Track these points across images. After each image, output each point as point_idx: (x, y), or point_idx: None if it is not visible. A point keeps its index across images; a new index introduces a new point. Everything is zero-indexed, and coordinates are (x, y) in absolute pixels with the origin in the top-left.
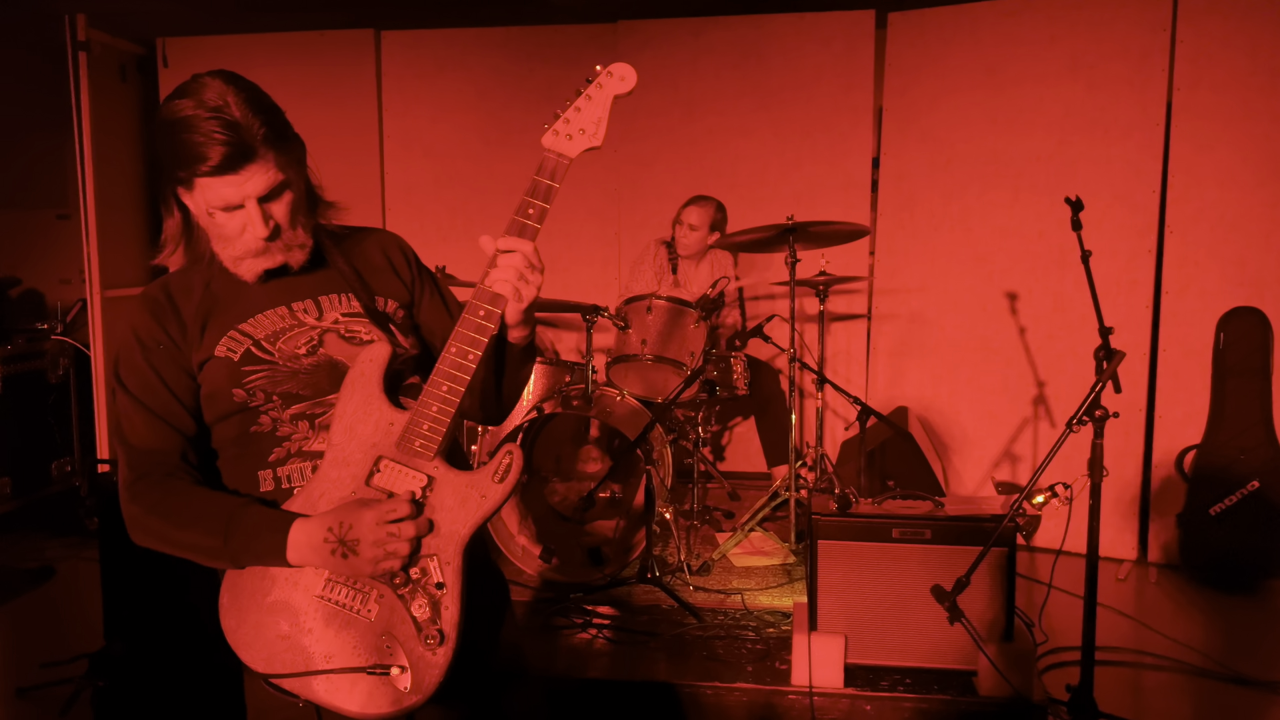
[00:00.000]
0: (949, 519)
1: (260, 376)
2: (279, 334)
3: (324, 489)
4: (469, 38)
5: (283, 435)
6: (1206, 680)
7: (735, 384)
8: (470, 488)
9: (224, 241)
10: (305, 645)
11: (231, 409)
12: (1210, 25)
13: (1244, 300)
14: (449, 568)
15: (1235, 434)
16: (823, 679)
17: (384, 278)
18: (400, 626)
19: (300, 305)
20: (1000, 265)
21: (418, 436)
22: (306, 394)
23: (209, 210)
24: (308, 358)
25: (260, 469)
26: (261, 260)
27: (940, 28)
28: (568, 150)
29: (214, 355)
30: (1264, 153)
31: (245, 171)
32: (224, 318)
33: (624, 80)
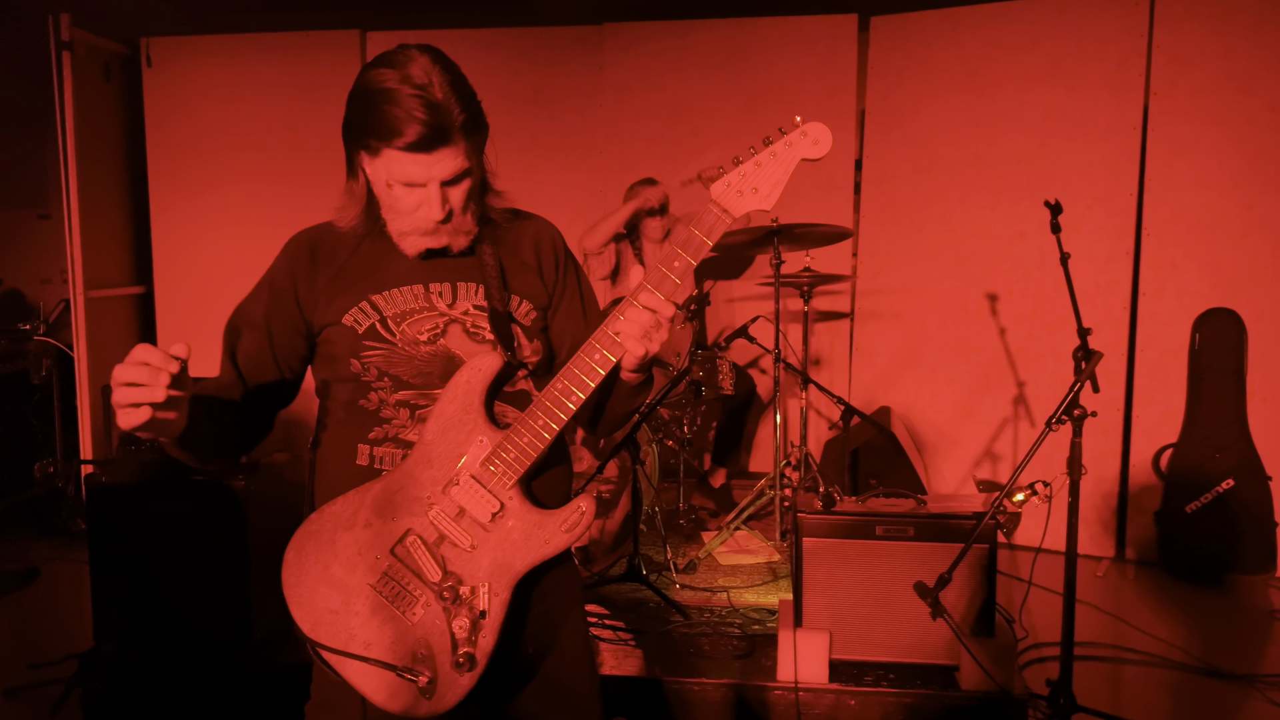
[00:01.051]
0: (931, 517)
1: (378, 354)
2: (407, 314)
3: (404, 483)
4: (454, 38)
5: (386, 417)
6: (1183, 674)
7: (721, 384)
8: (537, 528)
9: (395, 214)
10: (350, 626)
11: (347, 376)
12: (1187, 30)
13: (1220, 301)
14: (497, 599)
15: (1211, 433)
16: (808, 675)
17: (526, 276)
18: (438, 638)
19: (438, 287)
20: (981, 266)
21: (501, 462)
22: (416, 383)
23: (389, 182)
24: (427, 345)
25: (360, 442)
26: (427, 239)
27: (922, 31)
28: (734, 208)
29: (339, 322)
30: (1239, 156)
31: (437, 154)
32: (361, 284)
33: (818, 144)
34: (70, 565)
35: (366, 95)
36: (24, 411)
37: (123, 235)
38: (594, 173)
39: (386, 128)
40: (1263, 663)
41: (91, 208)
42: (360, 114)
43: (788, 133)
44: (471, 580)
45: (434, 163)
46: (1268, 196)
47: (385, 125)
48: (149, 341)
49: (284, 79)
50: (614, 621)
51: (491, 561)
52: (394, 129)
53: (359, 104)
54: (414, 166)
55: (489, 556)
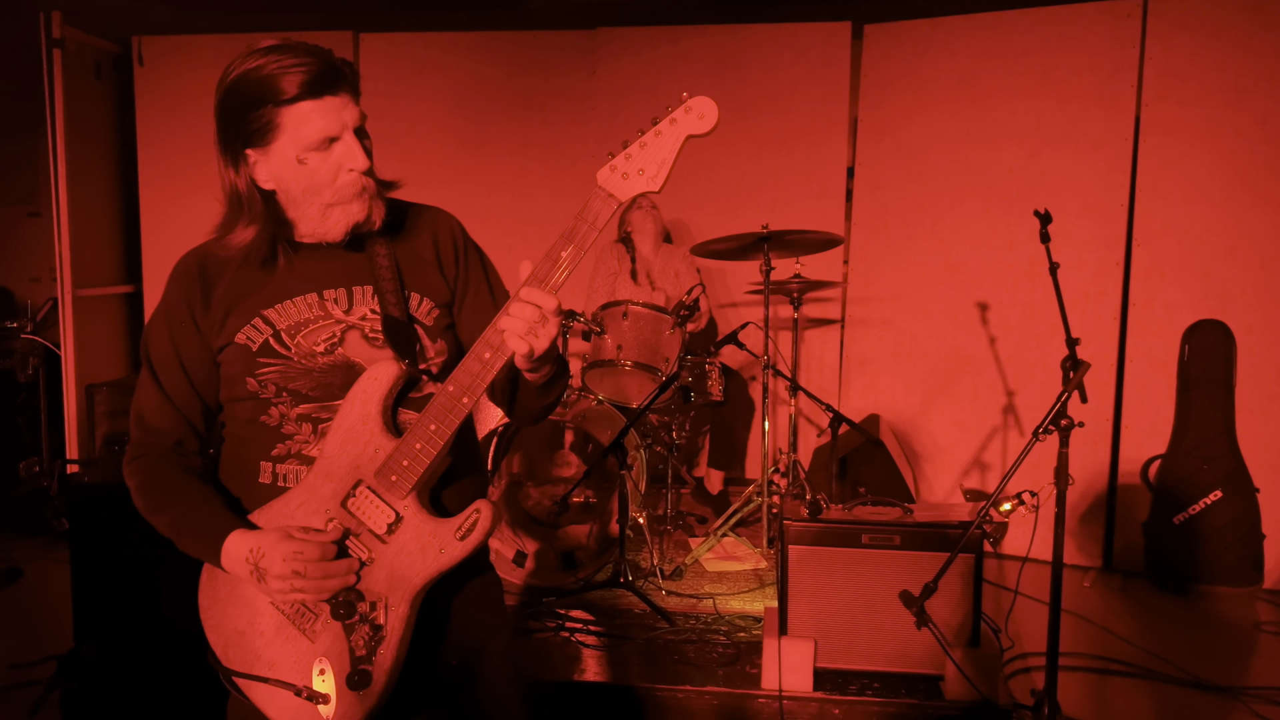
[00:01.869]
0: (918, 525)
1: (273, 371)
2: (302, 326)
3: (303, 498)
4: (448, 42)
5: (287, 433)
6: (1168, 686)
7: (710, 390)
8: (432, 537)
9: (311, 194)
10: (256, 646)
11: (245, 394)
12: (1179, 42)
13: (1209, 313)
14: (393, 613)
15: (1199, 444)
16: (792, 683)
17: (425, 272)
18: (338, 657)
19: (332, 294)
20: (972, 275)
21: (395, 470)
22: (315, 395)
23: (298, 156)
24: (324, 356)
25: (262, 459)
26: (355, 205)
27: (915, 40)
28: (620, 191)
29: (233, 341)
30: (1229, 168)
31: (341, 96)
32: (252, 300)
33: (703, 118)
34: (54, 565)
35: (239, 84)
36: (10, 410)
37: (112, 234)
38: (585, 178)
39: (277, 88)
40: (1248, 675)
41: (81, 206)
42: (238, 104)
43: (673, 110)
44: (370, 595)
45: (341, 106)
46: (1257, 209)
47: (275, 87)
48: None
49: None
50: (598, 628)
51: (388, 575)
52: (286, 83)
53: (232, 99)
54: (322, 116)
55: (385, 570)
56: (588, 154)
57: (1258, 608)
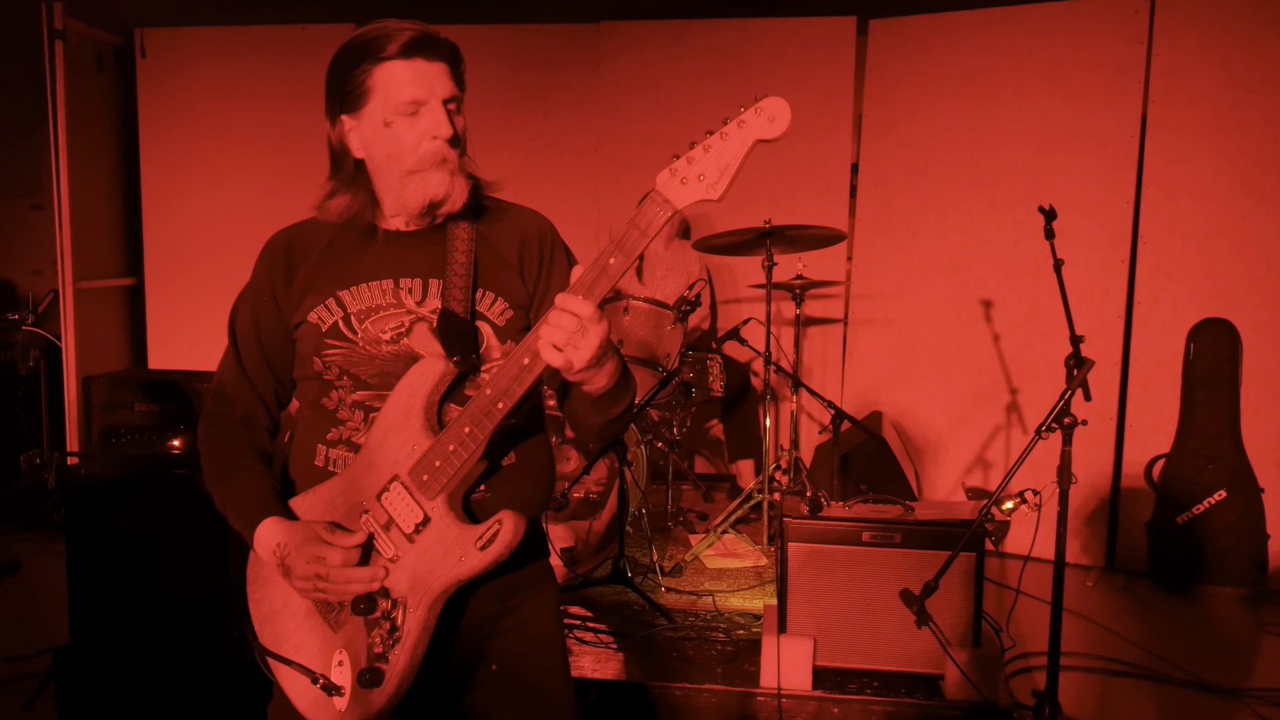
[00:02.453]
0: (918, 523)
1: (338, 353)
2: (372, 311)
3: (343, 486)
4: (450, 34)
5: (342, 418)
6: (1170, 686)
7: (711, 385)
8: (455, 543)
9: (397, 158)
10: (286, 628)
11: (312, 374)
12: (1186, 39)
13: (1214, 312)
14: (411, 616)
15: (1203, 444)
16: (791, 681)
17: (503, 272)
18: (357, 651)
19: (408, 283)
20: (976, 272)
21: (427, 470)
22: (375, 383)
23: (386, 119)
24: (389, 345)
25: (319, 441)
26: (435, 174)
27: (920, 36)
28: (677, 198)
29: (306, 320)
30: (1236, 166)
31: (434, 65)
32: (330, 280)
33: (774, 121)
34: (52, 558)
35: (346, 49)
36: (10, 402)
37: (114, 226)
38: (588, 172)
39: (376, 46)
40: (1251, 676)
41: (82, 198)
42: (341, 65)
43: (743, 110)
44: (394, 593)
45: (433, 74)
46: (1263, 208)
47: (374, 45)
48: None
49: (279, 72)
50: (597, 624)
51: (411, 576)
52: (383, 43)
53: (338, 61)
54: (410, 80)
55: (409, 570)
56: (590, 149)
57: (1261, 608)
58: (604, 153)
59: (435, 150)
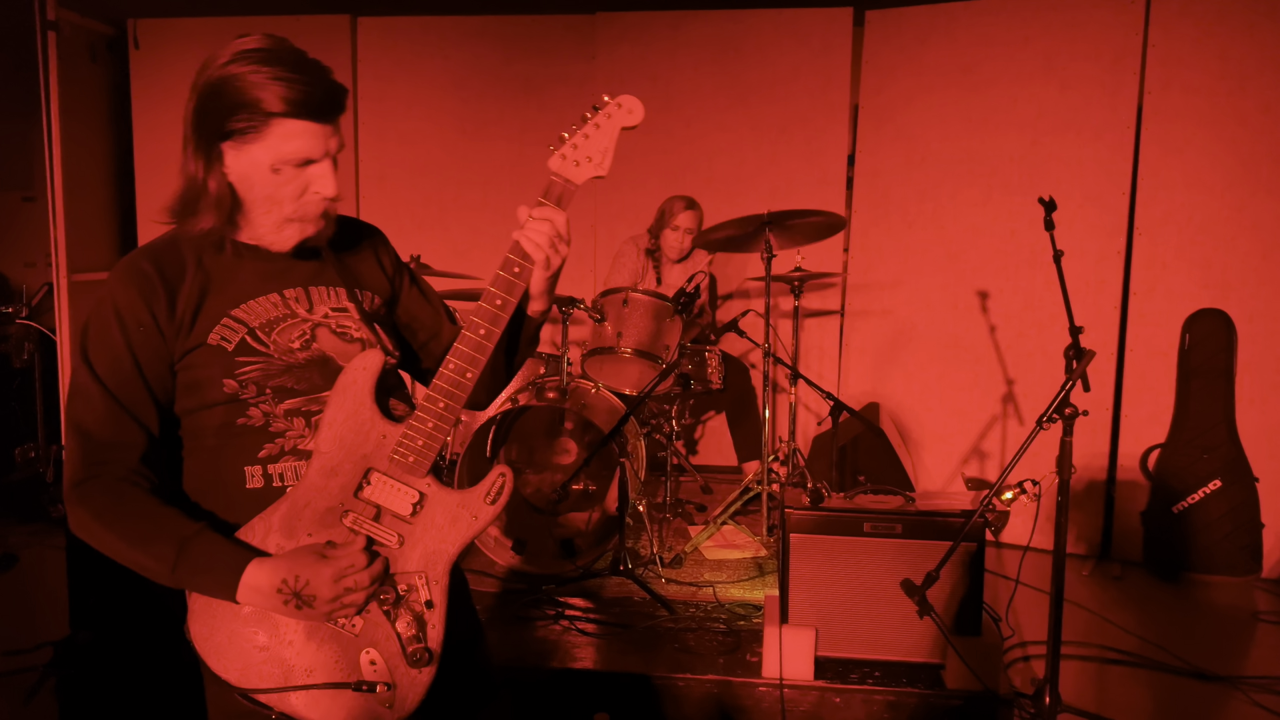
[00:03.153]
0: (919, 514)
1: (254, 369)
2: (274, 323)
3: (309, 498)
4: (446, 25)
5: (276, 431)
6: (1167, 675)
7: (710, 378)
8: (462, 507)
9: (274, 203)
10: (286, 658)
11: (219, 399)
12: (1182, 29)
13: (1209, 302)
14: (437, 586)
15: (1198, 434)
16: (793, 671)
17: (369, 271)
18: (385, 643)
19: (292, 294)
20: (972, 263)
21: (411, 452)
22: (301, 389)
23: (274, 166)
24: (302, 352)
25: (248, 464)
26: (311, 225)
27: (917, 26)
28: (574, 176)
29: (205, 342)
30: (1232, 156)
31: (332, 125)
32: (216, 301)
33: (631, 114)
34: (50, 551)
35: (231, 84)
36: (5, 395)
37: (108, 219)
38: None
39: (272, 101)
40: (1246, 664)
41: (76, 191)
42: (226, 103)
43: (601, 108)
44: (404, 576)
45: (329, 134)
46: (1259, 198)
47: (269, 99)
48: None
49: None
50: (598, 616)
51: (423, 552)
52: (282, 98)
53: (219, 96)
54: (311, 138)
55: (419, 548)
56: None
57: (1256, 597)
58: None
59: (317, 204)
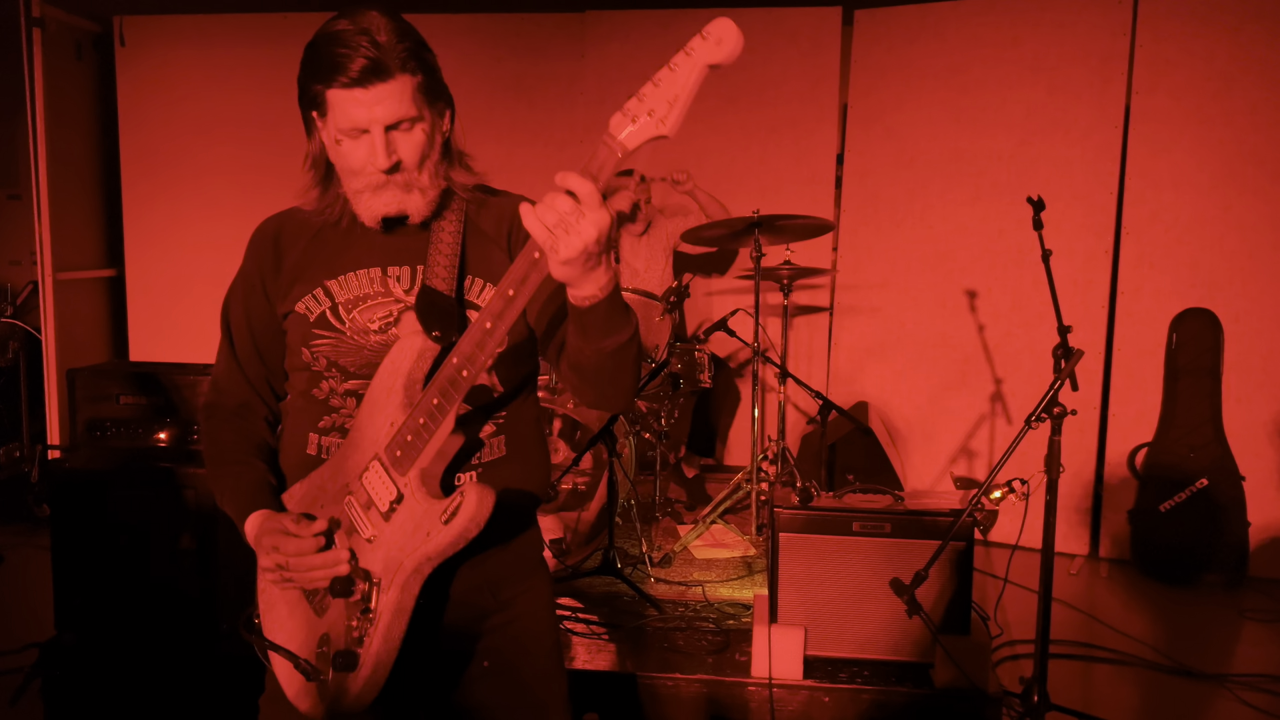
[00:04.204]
0: (908, 513)
1: (326, 344)
2: (360, 300)
3: (332, 472)
4: (435, 23)
5: (334, 406)
6: (1155, 673)
7: (700, 378)
8: (424, 518)
9: (348, 175)
10: (280, 616)
11: (300, 365)
12: (1169, 31)
13: (1196, 301)
14: (384, 597)
15: (1185, 432)
16: (782, 671)
17: (492, 257)
18: (339, 634)
19: (396, 270)
20: (960, 263)
21: (400, 445)
22: (364, 373)
23: (336, 137)
24: (377, 335)
25: (311, 430)
26: (379, 197)
27: (906, 27)
28: (629, 139)
29: (294, 310)
30: (1218, 157)
31: (376, 90)
32: (319, 269)
33: (721, 44)
34: (35, 552)
35: (315, 44)
36: None
37: (94, 217)
38: (573, 162)
39: (327, 66)
40: (1233, 662)
41: (62, 189)
42: (308, 65)
43: (690, 40)
44: (372, 575)
45: (374, 101)
46: (1245, 198)
47: (326, 64)
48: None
49: (261, 61)
50: (587, 615)
51: (385, 556)
52: (333, 65)
53: (309, 55)
54: (354, 106)
55: (383, 550)
56: (576, 139)
57: (1243, 594)
58: (590, 143)
59: (375, 176)
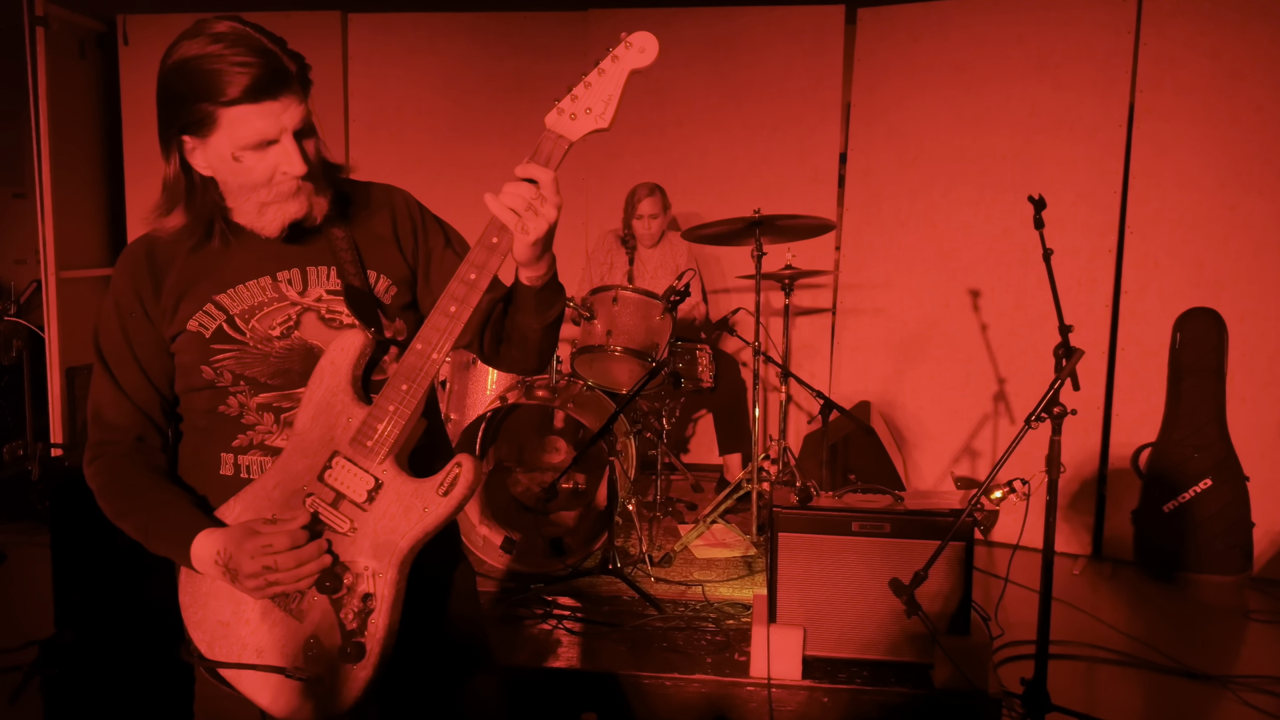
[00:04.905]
0: (908, 513)
1: (229, 357)
2: (256, 309)
3: (280, 478)
4: (438, 21)
5: (248, 423)
6: (1157, 674)
7: (700, 376)
8: (415, 497)
9: (248, 190)
10: (241, 635)
11: (201, 384)
12: (1174, 28)
13: (1201, 301)
14: (380, 579)
15: (1189, 433)
16: (781, 671)
17: (383, 250)
18: (329, 633)
19: (285, 275)
20: (964, 262)
21: (370, 436)
22: (275, 383)
23: (234, 154)
24: (280, 340)
25: (223, 451)
26: (291, 205)
27: (909, 25)
28: (570, 132)
29: (185, 329)
30: (1223, 155)
31: (283, 100)
32: (203, 286)
33: (643, 52)
34: (37, 549)
35: (178, 69)
36: None
37: (97, 216)
38: (574, 161)
39: (218, 86)
40: (1237, 663)
41: (65, 187)
42: (178, 92)
43: (613, 48)
44: (355, 565)
45: (282, 110)
46: (1250, 197)
47: (216, 84)
48: None
49: None
50: (587, 615)
51: (373, 542)
52: (228, 82)
53: (174, 84)
54: (261, 120)
55: (369, 537)
56: None
57: (1246, 596)
58: (590, 141)
59: (288, 184)
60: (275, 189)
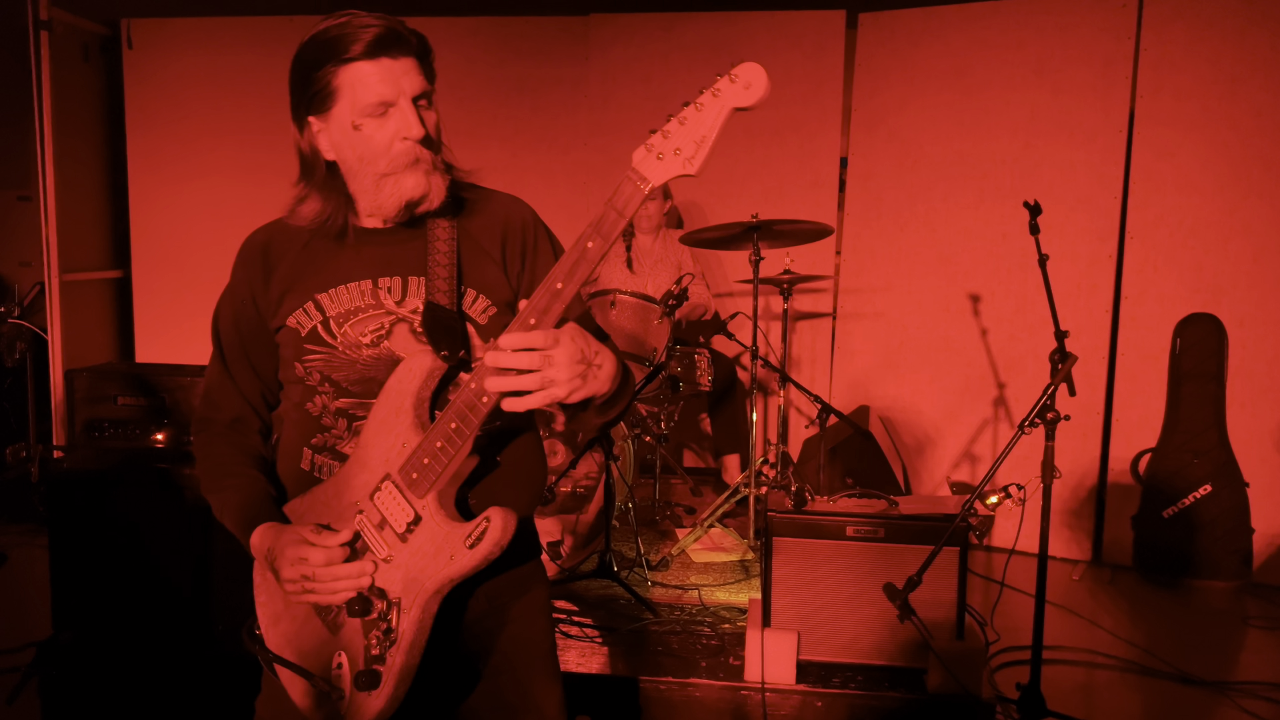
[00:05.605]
0: (902, 518)
1: (318, 359)
2: (351, 314)
3: (339, 488)
4: (439, 26)
5: (325, 425)
6: (1154, 680)
7: (699, 380)
8: (445, 541)
9: (369, 161)
10: (289, 631)
11: (295, 378)
12: (1173, 33)
13: (1201, 306)
14: (406, 617)
15: (1189, 438)
16: (775, 675)
17: (485, 267)
18: (355, 653)
19: (387, 282)
20: (964, 267)
21: (416, 468)
22: (356, 390)
23: (355, 122)
24: (369, 349)
25: (305, 445)
26: (408, 178)
27: (910, 30)
28: (653, 175)
29: (285, 324)
30: (1223, 160)
31: (402, 62)
32: (308, 282)
33: (749, 89)
34: (38, 551)
35: (312, 43)
36: None
37: (101, 218)
38: (577, 166)
39: (341, 46)
40: (1236, 669)
41: (69, 190)
42: (306, 60)
43: (717, 80)
44: (389, 594)
45: (401, 72)
46: (1250, 202)
47: (339, 45)
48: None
49: (268, 64)
50: (583, 618)
51: (404, 576)
52: (351, 41)
53: (304, 55)
54: (380, 80)
55: (402, 570)
56: (579, 142)
57: (1246, 602)
58: (593, 146)
59: (407, 151)
60: (392, 157)
